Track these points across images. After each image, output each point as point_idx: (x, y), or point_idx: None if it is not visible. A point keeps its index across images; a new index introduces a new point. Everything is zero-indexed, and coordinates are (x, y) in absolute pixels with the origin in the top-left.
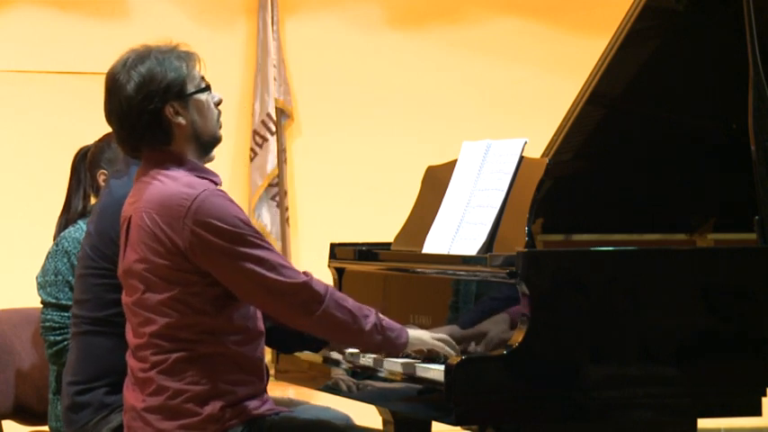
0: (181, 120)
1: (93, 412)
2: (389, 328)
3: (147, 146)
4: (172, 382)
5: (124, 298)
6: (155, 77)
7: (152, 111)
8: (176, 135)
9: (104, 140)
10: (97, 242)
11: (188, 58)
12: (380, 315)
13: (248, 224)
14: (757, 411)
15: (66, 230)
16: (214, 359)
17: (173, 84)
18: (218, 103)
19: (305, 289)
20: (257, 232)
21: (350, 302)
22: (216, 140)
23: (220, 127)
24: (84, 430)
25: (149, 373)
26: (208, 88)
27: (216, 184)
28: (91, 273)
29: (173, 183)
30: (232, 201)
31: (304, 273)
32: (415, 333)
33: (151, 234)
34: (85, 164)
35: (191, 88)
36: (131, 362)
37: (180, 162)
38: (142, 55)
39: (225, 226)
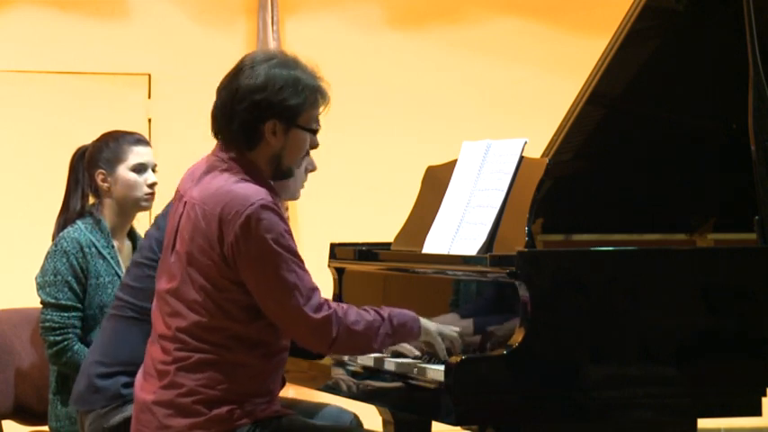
0: (273, 140)
1: (108, 399)
2: (401, 324)
3: (229, 138)
4: (188, 380)
5: (159, 284)
6: (282, 90)
7: (257, 115)
8: (260, 149)
9: (102, 140)
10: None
11: (321, 94)
12: (391, 314)
13: (290, 245)
14: (757, 411)
15: (65, 231)
16: (235, 368)
17: (291, 107)
18: (313, 147)
19: (321, 326)
20: (296, 254)
21: (361, 325)
22: (287, 177)
23: (289, 173)
24: (96, 414)
25: (169, 366)
26: (316, 132)
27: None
28: (150, 264)
29: (234, 183)
30: (283, 217)
31: (326, 302)
32: (425, 324)
33: (201, 230)
34: (83, 163)
35: (302, 122)
36: (153, 350)
37: (252, 168)
38: (288, 64)
39: (268, 241)
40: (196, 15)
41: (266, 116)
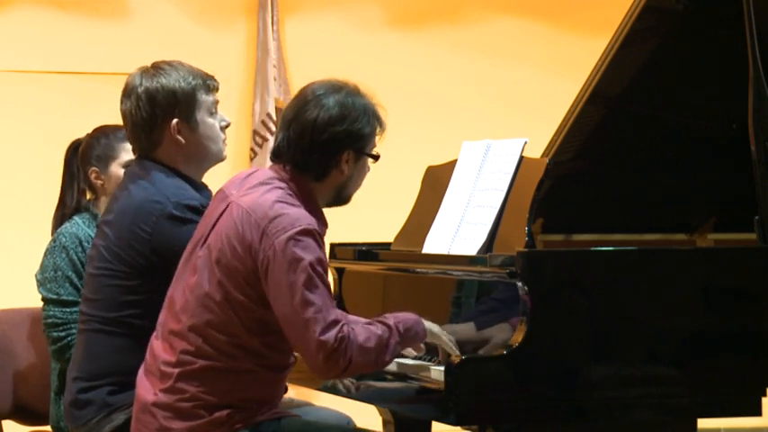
0: (346, 168)
1: (95, 411)
2: (407, 329)
3: (304, 168)
4: (190, 387)
5: (184, 278)
6: (358, 120)
7: (336, 146)
8: (330, 178)
9: (94, 136)
10: (115, 245)
11: (380, 121)
12: (397, 321)
13: (323, 273)
14: (757, 411)
15: (63, 227)
16: (239, 376)
17: (365, 136)
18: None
19: (335, 353)
20: (327, 285)
21: (373, 341)
22: (344, 204)
23: (348, 199)
24: (87, 427)
25: (172, 369)
26: (378, 157)
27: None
28: (105, 273)
29: (289, 206)
30: (323, 248)
31: (340, 325)
32: (428, 324)
33: (239, 235)
34: (77, 158)
35: (369, 150)
36: (157, 346)
37: (309, 196)
38: (355, 92)
39: (304, 261)
40: (196, 15)
41: (345, 146)
